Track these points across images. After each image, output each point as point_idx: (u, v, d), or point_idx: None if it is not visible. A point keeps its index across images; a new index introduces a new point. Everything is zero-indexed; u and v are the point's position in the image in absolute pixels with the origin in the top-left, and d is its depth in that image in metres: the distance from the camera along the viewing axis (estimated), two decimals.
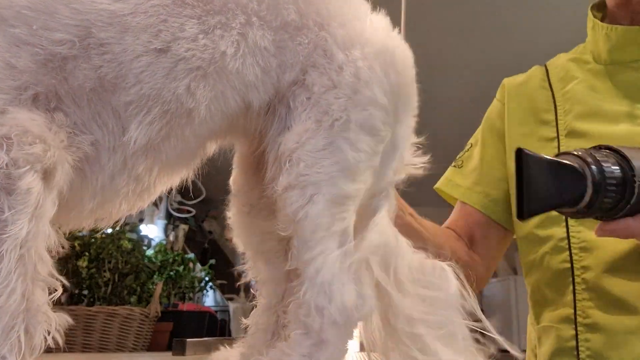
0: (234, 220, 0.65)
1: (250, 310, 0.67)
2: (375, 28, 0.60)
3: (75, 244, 1.41)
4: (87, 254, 1.43)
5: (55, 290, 0.46)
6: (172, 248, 2.91)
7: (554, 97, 0.88)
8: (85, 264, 1.42)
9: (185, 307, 1.85)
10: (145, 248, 1.99)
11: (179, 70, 0.50)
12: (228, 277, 3.56)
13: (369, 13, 0.61)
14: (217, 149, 0.63)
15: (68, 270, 1.38)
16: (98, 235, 1.45)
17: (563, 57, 0.94)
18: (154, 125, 0.50)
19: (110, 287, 1.42)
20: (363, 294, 0.54)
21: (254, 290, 0.67)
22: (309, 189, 0.52)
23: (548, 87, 0.90)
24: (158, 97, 0.49)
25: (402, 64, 0.60)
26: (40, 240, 0.44)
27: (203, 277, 2.07)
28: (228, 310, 3.21)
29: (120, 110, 0.49)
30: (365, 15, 0.60)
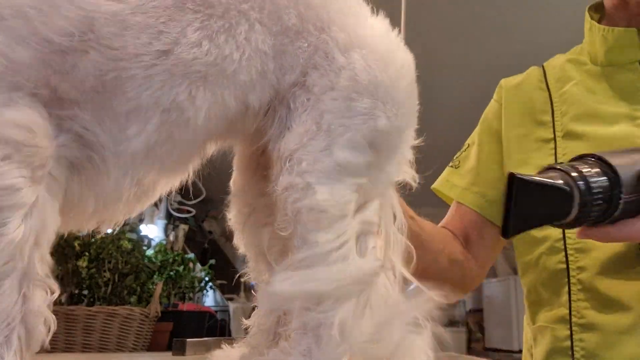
0: (235, 221, 0.65)
1: (251, 311, 0.67)
2: (375, 31, 0.59)
3: (75, 244, 1.41)
4: (87, 254, 1.43)
5: (53, 292, 0.46)
6: (172, 248, 2.91)
7: (551, 98, 0.88)
8: (85, 264, 1.41)
9: (185, 307, 1.85)
10: (145, 248, 1.99)
11: (180, 74, 0.49)
12: (228, 277, 3.57)
13: (369, 16, 0.61)
14: (216, 150, 0.63)
15: (68, 270, 1.38)
16: (98, 236, 1.45)
17: (560, 57, 0.93)
18: (155, 130, 0.50)
19: (110, 287, 1.42)
20: None
21: (255, 291, 0.67)
22: (310, 185, 0.52)
23: (545, 87, 0.90)
24: (158, 101, 0.49)
25: (401, 67, 0.60)
26: (39, 241, 0.44)
27: (203, 277, 2.07)
28: (228, 310, 3.21)
29: (121, 114, 0.49)
30: (365, 19, 0.60)
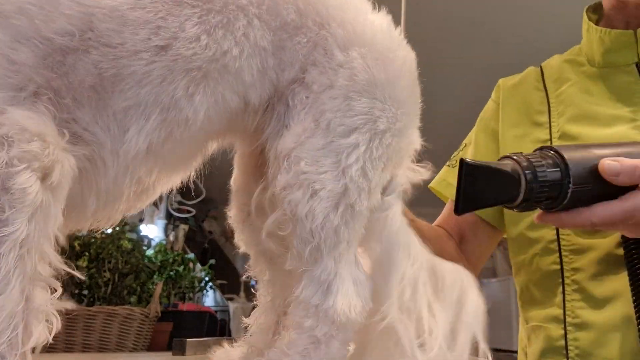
0: (235, 220, 0.65)
1: (251, 310, 0.67)
2: (376, 28, 0.59)
3: (75, 244, 1.41)
4: (87, 254, 1.43)
5: (55, 291, 0.46)
6: (172, 248, 2.91)
7: (548, 98, 0.88)
8: (85, 264, 1.41)
9: (185, 307, 1.85)
10: (145, 248, 1.99)
11: (179, 70, 0.49)
12: (228, 277, 3.57)
13: (370, 12, 0.60)
14: (217, 149, 0.63)
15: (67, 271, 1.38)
16: (98, 235, 1.45)
17: (558, 58, 0.93)
18: (154, 129, 0.50)
19: (110, 287, 1.42)
20: (362, 294, 0.54)
21: (255, 290, 0.67)
22: (312, 187, 0.52)
23: (543, 88, 0.90)
24: (157, 98, 0.49)
25: (402, 66, 0.59)
26: (43, 241, 0.44)
27: (203, 277, 2.07)
28: (228, 310, 3.21)
29: (120, 113, 0.48)
30: (366, 15, 0.59)
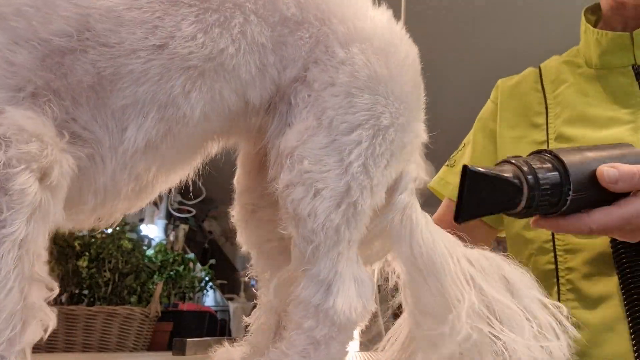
0: (238, 219, 0.65)
1: (251, 310, 0.66)
2: (377, 24, 0.58)
3: (75, 244, 1.41)
4: (87, 254, 1.43)
5: (52, 290, 0.46)
6: (172, 248, 2.91)
7: (546, 99, 0.88)
8: (86, 264, 1.41)
9: (186, 307, 1.85)
10: (146, 248, 1.99)
11: (176, 69, 0.49)
12: (228, 277, 3.57)
13: (370, 8, 0.59)
14: (220, 150, 0.62)
15: (68, 270, 1.38)
16: (98, 235, 1.45)
17: (557, 59, 0.93)
18: (153, 126, 0.50)
19: (111, 287, 1.42)
20: (364, 294, 0.54)
21: (255, 290, 0.67)
22: (315, 186, 0.51)
23: (541, 89, 0.90)
24: (155, 96, 0.49)
25: (403, 61, 0.59)
26: (41, 241, 0.44)
27: (203, 277, 2.08)
28: (228, 310, 3.21)
29: (119, 112, 0.48)
30: (366, 11, 0.59)
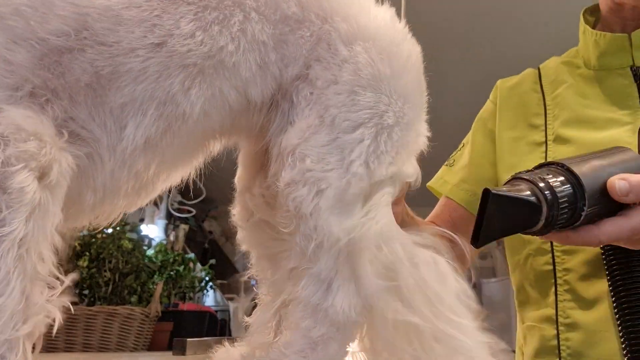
0: (239, 219, 0.65)
1: (251, 310, 0.66)
2: (379, 22, 0.58)
3: (76, 244, 1.41)
4: (87, 254, 1.43)
5: (54, 289, 0.46)
6: (172, 248, 2.91)
7: (545, 100, 0.88)
8: (86, 264, 1.42)
9: (186, 306, 1.85)
10: (146, 248, 1.99)
11: (175, 66, 0.49)
12: (228, 277, 3.56)
13: (373, 6, 0.60)
14: (221, 149, 0.62)
15: (68, 270, 1.38)
16: (98, 235, 1.45)
17: (556, 60, 0.93)
18: (152, 124, 0.50)
19: (111, 286, 1.42)
20: (364, 294, 0.54)
21: (255, 290, 0.67)
22: (317, 185, 0.51)
23: (540, 90, 0.90)
24: (153, 94, 0.49)
25: (407, 60, 0.59)
26: (41, 240, 0.44)
27: (203, 277, 2.08)
28: (228, 310, 3.21)
29: (117, 110, 0.48)
30: (369, 9, 0.59)
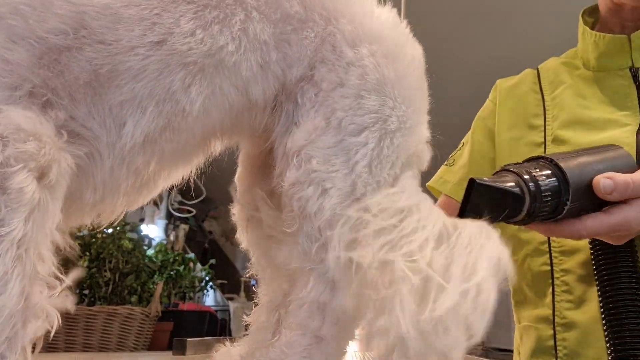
0: (239, 218, 0.65)
1: (251, 310, 0.66)
2: (383, 24, 0.58)
3: (76, 244, 1.41)
4: (87, 254, 1.43)
5: (54, 288, 0.46)
6: (172, 248, 2.91)
7: (544, 101, 0.88)
8: (86, 264, 1.42)
9: (186, 306, 1.85)
10: (146, 248, 1.99)
11: (175, 64, 0.49)
12: (228, 277, 3.57)
13: (376, 6, 0.60)
14: (222, 149, 0.62)
15: (68, 270, 1.38)
16: (98, 235, 1.45)
17: (555, 60, 0.93)
18: (151, 121, 0.49)
19: (111, 286, 1.42)
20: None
21: (255, 290, 0.67)
22: (322, 185, 0.51)
23: (539, 90, 0.90)
24: (153, 91, 0.49)
25: (410, 63, 0.59)
26: (41, 240, 0.44)
27: (203, 276, 2.08)
28: (228, 310, 3.21)
29: (117, 108, 0.48)
30: (372, 10, 0.59)
